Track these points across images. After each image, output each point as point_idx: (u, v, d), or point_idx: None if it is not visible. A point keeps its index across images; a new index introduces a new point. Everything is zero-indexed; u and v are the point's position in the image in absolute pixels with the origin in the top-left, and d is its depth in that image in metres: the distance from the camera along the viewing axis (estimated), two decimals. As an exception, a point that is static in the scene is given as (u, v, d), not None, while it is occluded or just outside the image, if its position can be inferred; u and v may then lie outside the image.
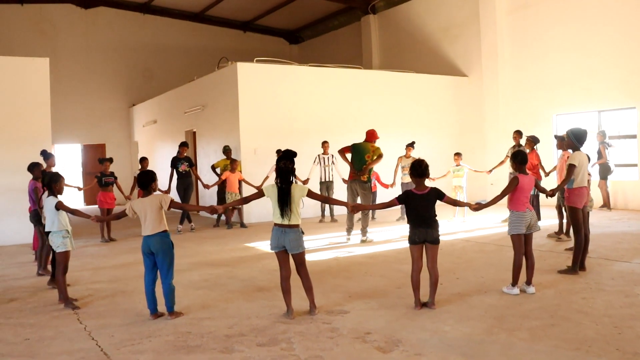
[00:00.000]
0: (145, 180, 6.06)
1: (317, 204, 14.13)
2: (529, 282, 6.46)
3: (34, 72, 12.41)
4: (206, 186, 13.40)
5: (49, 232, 6.69)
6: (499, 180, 15.73)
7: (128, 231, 13.18)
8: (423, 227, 5.88)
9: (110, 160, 12.29)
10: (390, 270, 8.06)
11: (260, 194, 5.93)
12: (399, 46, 21.14)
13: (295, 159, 5.83)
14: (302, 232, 5.83)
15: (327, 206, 14.27)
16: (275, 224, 5.79)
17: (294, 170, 5.79)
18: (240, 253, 9.97)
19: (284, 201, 5.67)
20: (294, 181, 5.79)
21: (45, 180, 6.75)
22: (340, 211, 14.48)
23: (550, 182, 12.54)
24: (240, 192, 13.33)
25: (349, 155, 11.01)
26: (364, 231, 10.80)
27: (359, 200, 10.71)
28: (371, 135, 11.10)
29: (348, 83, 16.27)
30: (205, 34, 24.53)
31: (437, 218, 6.01)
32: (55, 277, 6.72)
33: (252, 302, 6.53)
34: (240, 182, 13.28)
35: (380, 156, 10.88)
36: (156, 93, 20.90)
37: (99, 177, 12.04)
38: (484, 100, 17.72)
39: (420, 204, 5.91)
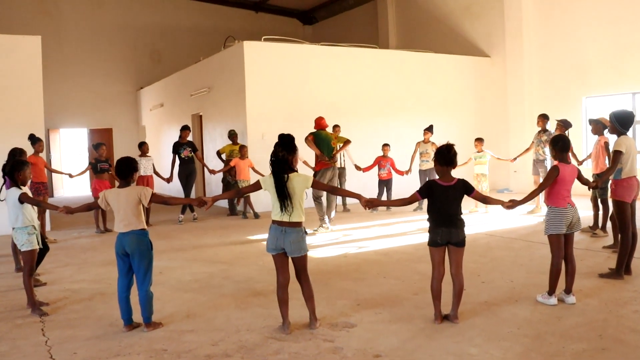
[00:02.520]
0: (126, 169, 5.15)
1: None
2: (568, 291, 5.50)
3: (25, 51, 11.58)
4: (212, 171, 12.59)
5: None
6: (523, 167, 14.77)
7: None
8: (447, 226, 4.95)
9: (105, 145, 11.41)
10: (407, 271, 7.14)
11: (256, 186, 5.04)
12: (417, 25, 20.03)
13: (305, 145, 4.92)
14: (306, 232, 4.93)
15: (339, 193, 13.33)
16: (274, 221, 4.89)
17: (290, 159, 4.87)
18: (241, 248, 9.10)
19: (283, 193, 4.77)
20: (293, 170, 4.88)
21: (6, 169, 5.89)
22: (353, 200, 13.55)
23: (584, 171, 11.49)
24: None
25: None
26: (328, 218, 10.52)
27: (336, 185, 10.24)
28: (324, 124, 10.80)
29: (362, 63, 15.27)
30: (215, 14, 23.56)
31: (462, 216, 5.07)
32: (23, 279, 5.87)
33: (244, 310, 5.65)
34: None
35: (348, 141, 11.28)
36: (164, 76, 20.04)
37: (94, 163, 11.21)
38: (508, 82, 16.61)
39: (445, 198, 4.98)
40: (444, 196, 4.98)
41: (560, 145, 5.63)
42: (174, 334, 4.98)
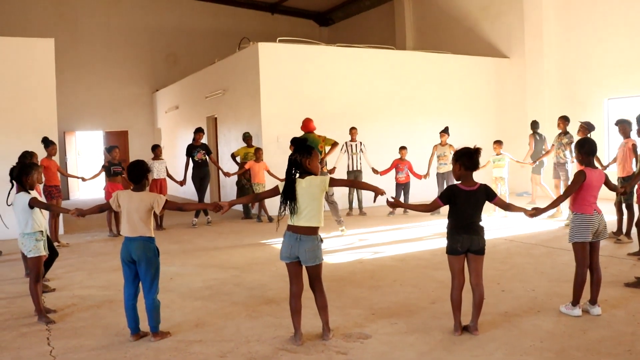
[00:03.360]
0: (139, 173, 4.99)
1: (345, 194, 13.01)
2: (594, 302, 5.24)
3: (39, 53, 11.49)
4: (227, 174, 12.43)
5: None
6: (543, 171, 14.44)
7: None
8: (467, 233, 4.72)
9: (118, 148, 11.29)
10: (424, 278, 6.91)
11: (275, 191, 4.84)
12: (435, 26, 19.77)
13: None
14: (321, 240, 4.73)
15: (355, 197, 13.11)
16: (289, 227, 4.70)
17: (304, 161, 4.68)
18: (254, 252, 8.93)
19: (290, 194, 4.61)
20: (310, 172, 4.69)
21: (14, 173, 5.74)
22: (370, 203, 13.32)
23: (609, 175, 11.18)
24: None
25: None
26: (339, 222, 10.41)
27: None
28: (311, 126, 10.62)
29: (379, 65, 15.04)
30: (231, 16, 23.47)
31: (482, 223, 4.84)
32: (29, 286, 5.73)
33: (255, 319, 5.46)
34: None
35: (335, 144, 10.88)
36: (179, 78, 19.96)
37: (107, 166, 11.09)
38: (527, 83, 16.29)
39: (467, 204, 4.75)
40: (466, 202, 4.76)
41: (587, 148, 5.38)
42: (182, 345, 4.80)
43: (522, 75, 16.47)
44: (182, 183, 12.01)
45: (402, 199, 12.88)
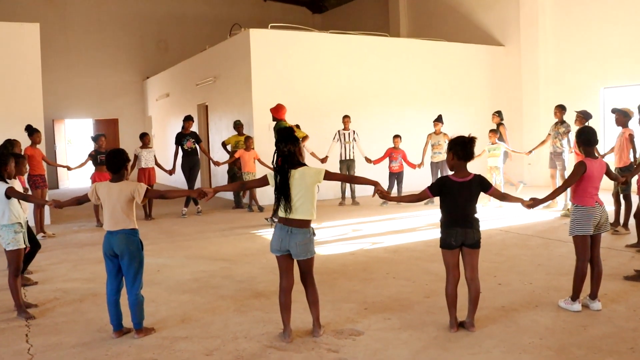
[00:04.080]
0: (117, 162, 4.76)
1: (337, 183, 12.79)
2: (594, 296, 5.06)
3: (24, 39, 11.19)
4: (216, 163, 12.21)
5: None
6: (537, 160, 14.32)
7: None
8: (461, 226, 4.53)
9: (104, 136, 11.02)
10: (417, 270, 6.73)
11: (263, 181, 4.63)
12: (429, 13, 19.50)
13: (313, 136, 4.52)
14: (314, 234, 4.53)
15: (347, 187, 12.90)
16: (280, 219, 4.50)
17: (292, 152, 4.47)
18: (245, 243, 8.73)
19: (284, 189, 4.38)
20: (302, 163, 4.48)
21: None
22: (363, 192, 13.15)
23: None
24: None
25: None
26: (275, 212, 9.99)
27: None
28: (279, 112, 9.93)
29: (373, 52, 14.80)
30: (223, 2, 23.08)
31: (477, 215, 4.65)
32: (8, 280, 5.49)
33: (244, 314, 5.26)
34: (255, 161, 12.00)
35: (306, 137, 10.67)
36: (170, 65, 19.64)
37: (94, 155, 10.83)
38: (522, 72, 16.10)
39: (459, 196, 4.55)
40: (458, 194, 4.56)
41: (584, 138, 5.19)
42: (166, 342, 4.60)
43: (517, 63, 16.27)
44: (171, 172, 11.77)
45: (395, 189, 12.70)
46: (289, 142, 4.44)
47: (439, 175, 12.23)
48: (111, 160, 4.77)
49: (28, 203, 5.97)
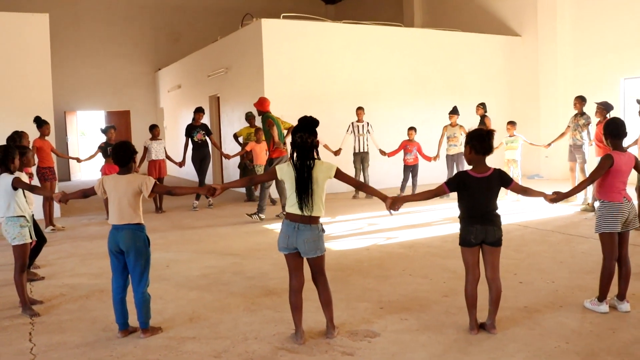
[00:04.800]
0: (124, 154, 4.57)
1: (350, 174, 12.48)
2: (622, 297, 4.81)
3: (33, 29, 11.01)
4: (227, 156, 12.00)
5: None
6: (554, 153, 13.98)
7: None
8: (481, 223, 4.29)
9: (114, 128, 10.84)
10: (435, 267, 6.50)
11: (272, 174, 4.43)
12: (444, 2, 19.13)
13: (326, 128, 4.30)
14: (323, 230, 4.31)
15: (361, 178, 12.62)
16: (287, 216, 4.28)
17: (315, 144, 4.26)
18: (256, 237, 8.53)
19: (304, 186, 4.15)
20: (316, 158, 4.26)
21: None
22: (377, 185, 12.89)
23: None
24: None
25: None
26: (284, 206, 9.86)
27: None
28: (262, 105, 10.01)
29: (387, 43, 14.53)
30: (235, -8, 22.88)
31: (498, 211, 4.41)
32: (14, 276, 5.32)
33: (254, 312, 5.06)
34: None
35: (292, 127, 10.07)
36: (182, 56, 19.47)
37: (103, 147, 10.67)
38: (540, 62, 15.73)
39: (478, 192, 4.31)
40: (477, 190, 4.32)
41: (612, 129, 4.91)
42: (173, 342, 4.42)
43: (534, 53, 15.91)
44: (181, 164, 11.60)
45: (409, 182, 12.44)
46: (307, 132, 4.21)
47: (455, 168, 12.00)
48: (118, 153, 4.58)
49: (35, 196, 5.82)
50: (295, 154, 4.25)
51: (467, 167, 4.50)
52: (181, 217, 10.76)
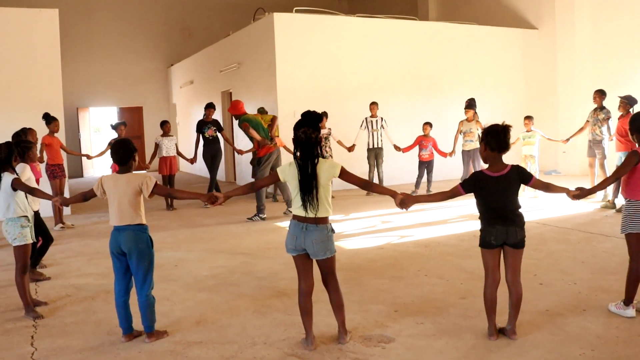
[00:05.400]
0: (124, 153, 4.39)
1: (365, 172, 12.26)
2: (650, 301, 4.59)
3: (43, 25, 10.90)
4: (240, 151, 11.81)
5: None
6: (572, 148, 13.66)
7: (151, 203, 11.53)
8: (502, 224, 4.07)
9: (125, 124, 10.69)
10: (451, 267, 6.28)
11: (274, 177, 4.24)
12: (460, -5, 18.88)
13: (339, 123, 4.09)
14: (333, 231, 4.11)
15: (375, 175, 12.38)
16: (294, 217, 4.09)
17: (319, 141, 4.07)
18: (267, 236, 8.35)
19: (307, 186, 3.95)
20: (322, 156, 4.06)
21: (0, 154, 5.14)
22: (391, 181, 12.72)
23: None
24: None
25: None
26: (289, 202, 9.80)
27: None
28: (236, 108, 9.92)
29: (401, 36, 14.28)
30: (248, -13, 22.70)
31: (520, 210, 4.19)
32: (15, 278, 5.17)
33: (263, 315, 4.88)
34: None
35: (275, 118, 10.32)
36: (194, 52, 19.34)
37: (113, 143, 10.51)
38: (557, 56, 15.37)
39: (497, 192, 4.09)
40: (495, 190, 4.08)
41: (638, 125, 4.69)
42: (179, 347, 4.24)
43: (551, 47, 15.57)
44: (192, 161, 11.47)
45: (424, 178, 12.22)
46: (311, 127, 4.01)
47: (471, 164, 11.74)
48: (117, 152, 4.40)
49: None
50: (298, 151, 4.04)
51: (483, 163, 4.28)
52: (192, 214, 10.61)
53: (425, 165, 12.21)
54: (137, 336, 4.42)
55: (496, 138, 4.04)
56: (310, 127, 3.99)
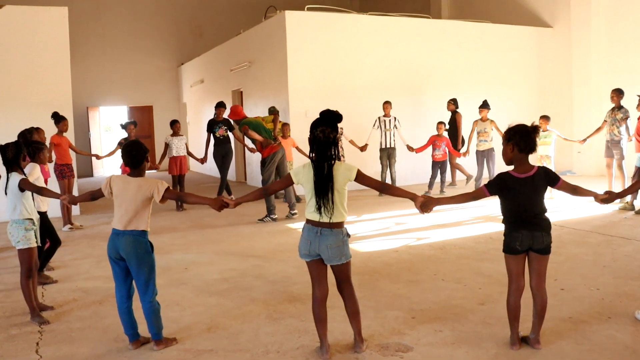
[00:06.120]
0: (136, 155, 4.19)
1: (377, 172, 12.06)
2: (679, 309, 4.39)
3: (52, 23, 10.79)
4: (252, 150, 11.60)
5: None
6: (587, 148, 13.40)
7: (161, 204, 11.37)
8: (529, 229, 3.89)
9: (135, 123, 10.57)
10: (468, 271, 6.10)
11: (287, 181, 4.05)
12: (473, -7, 18.64)
13: (352, 122, 3.92)
14: (348, 235, 3.94)
15: (388, 175, 12.20)
16: (308, 221, 3.92)
17: (337, 141, 3.90)
18: (279, 238, 8.19)
19: (323, 188, 3.78)
20: (337, 158, 3.89)
21: (8, 153, 5.02)
22: (404, 182, 12.54)
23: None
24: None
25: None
26: (292, 205, 9.76)
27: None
28: (236, 113, 9.83)
29: (413, 35, 14.08)
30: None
31: (547, 214, 4.01)
32: (20, 282, 5.03)
33: (276, 321, 4.72)
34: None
35: (275, 116, 10.07)
36: (205, 51, 19.22)
37: (123, 143, 10.40)
38: (573, 54, 15.13)
39: (523, 194, 3.91)
40: (521, 192, 3.91)
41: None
42: (189, 355, 4.09)
43: (566, 45, 15.32)
44: (202, 160, 11.34)
45: (438, 178, 12.03)
46: (329, 126, 3.84)
47: (485, 165, 11.54)
48: (130, 153, 4.20)
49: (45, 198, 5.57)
50: (314, 152, 3.87)
51: (499, 163, 4.09)
52: (202, 215, 10.47)
53: (439, 166, 12.01)
54: (145, 343, 4.27)
55: (526, 138, 3.88)
56: (328, 126, 3.82)
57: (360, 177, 3.91)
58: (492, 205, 4.44)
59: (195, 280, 6.06)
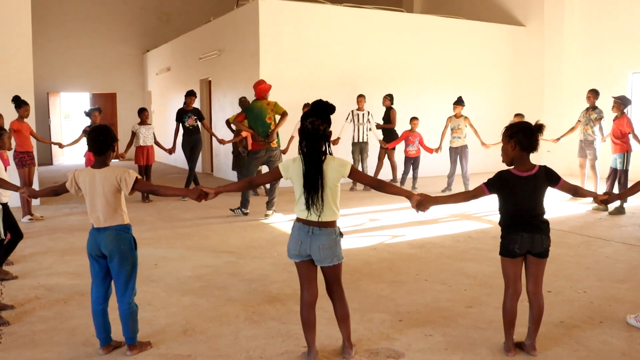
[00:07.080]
0: (102, 141, 3.83)
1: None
2: (673, 314, 4.28)
3: (13, 7, 10.20)
4: (221, 141, 11.18)
5: None
6: (557, 148, 13.39)
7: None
8: (529, 231, 3.71)
9: (99, 110, 10.12)
10: (451, 271, 5.91)
11: (275, 174, 3.79)
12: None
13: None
14: (341, 235, 3.71)
15: (360, 169, 11.96)
16: (298, 219, 3.67)
17: (328, 134, 3.64)
18: (252, 233, 7.90)
19: (312, 184, 3.53)
20: (328, 152, 3.64)
21: None
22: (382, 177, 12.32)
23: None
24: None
25: (245, 123, 9.14)
26: (270, 204, 9.02)
27: (265, 170, 9.11)
28: (262, 90, 9.09)
29: (387, 28, 13.88)
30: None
31: (546, 216, 3.84)
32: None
33: (257, 324, 4.45)
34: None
35: (284, 114, 8.94)
36: (172, 38, 18.72)
37: (88, 131, 9.95)
38: (545, 54, 15.16)
39: (524, 193, 3.73)
40: (522, 191, 3.74)
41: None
42: (165, 361, 3.81)
43: (539, 45, 15.33)
44: (170, 151, 10.93)
45: (410, 174, 11.89)
46: (319, 118, 3.58)
47: (458, 161, 11.42)
48: (95, 139, 3.82)
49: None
50: (304, 144, 3.61)
51: (471, 161, 3.90)
52: (169, 207, 10.11)
53: (412, 161, 11.88)
54: (117, 347, 3.96)
55: (529, 136, 3.70)
56: (319, 117, 3.56)
57: (354, 174, 3.67)
58: (469, 203, 4.26)
59: (167, 278, 5.74)
